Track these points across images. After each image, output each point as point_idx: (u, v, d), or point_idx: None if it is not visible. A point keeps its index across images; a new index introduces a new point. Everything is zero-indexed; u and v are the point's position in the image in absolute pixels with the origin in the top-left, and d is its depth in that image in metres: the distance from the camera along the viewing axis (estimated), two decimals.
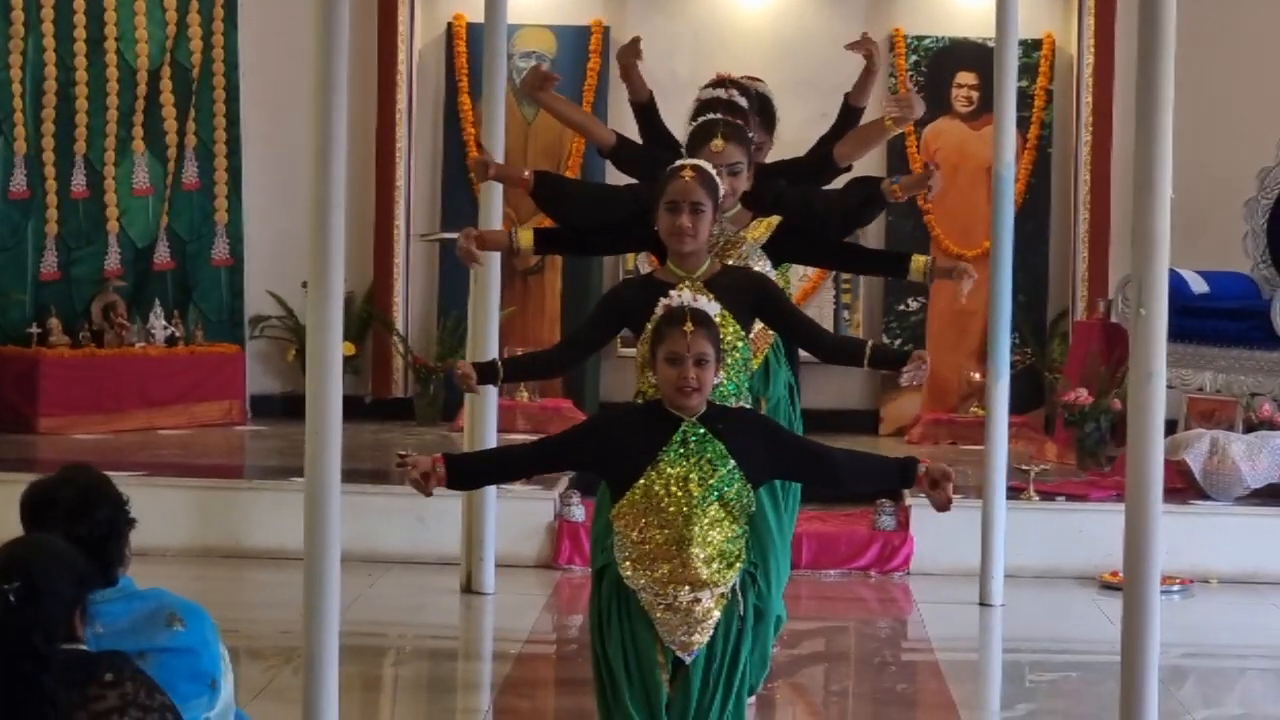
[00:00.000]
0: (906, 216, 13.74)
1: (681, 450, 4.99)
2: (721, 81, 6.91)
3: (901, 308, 13.69)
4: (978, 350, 12.85)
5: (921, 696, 7.79)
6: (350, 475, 6.14)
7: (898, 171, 13.44)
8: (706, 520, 4.97)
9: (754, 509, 5.11)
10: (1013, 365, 9.60)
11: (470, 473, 5.42)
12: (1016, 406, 10.29)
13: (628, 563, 5.05)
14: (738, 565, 5.05)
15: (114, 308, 12.68)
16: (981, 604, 9.02)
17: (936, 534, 9.69)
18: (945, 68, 13.56)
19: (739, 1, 13.77)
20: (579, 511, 9.73)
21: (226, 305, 13.40)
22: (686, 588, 5.00)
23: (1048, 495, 10.08)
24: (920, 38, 13.53)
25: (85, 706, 3.60)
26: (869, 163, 11.89)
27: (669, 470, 4.98)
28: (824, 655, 8.53)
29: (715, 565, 5.00)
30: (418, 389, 13.37)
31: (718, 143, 6.32)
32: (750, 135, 6.54)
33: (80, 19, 12.65)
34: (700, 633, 5.02)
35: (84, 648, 3.72)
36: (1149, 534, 5.43)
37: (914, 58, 13.46)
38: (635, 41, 7.50)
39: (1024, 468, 10.05)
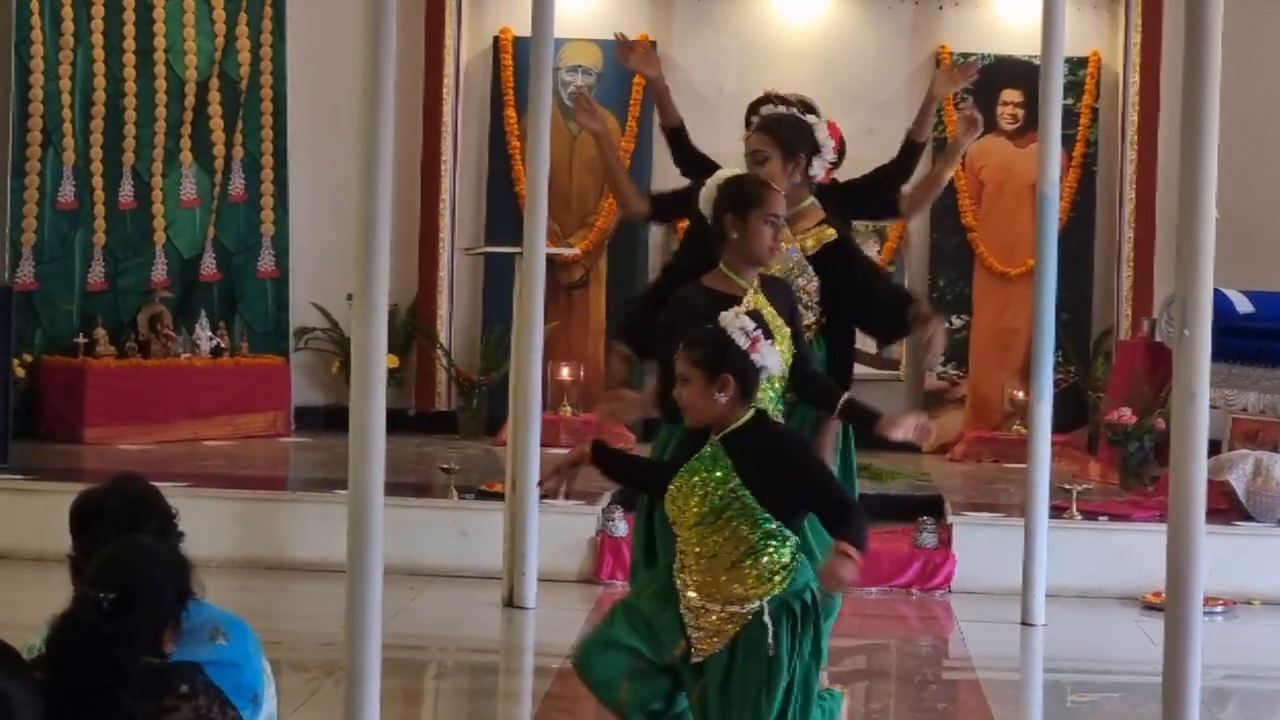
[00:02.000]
0: (951, 234, 13.74)
1: (698, 464, 5.04)
2: (770, 99, 6.91)
3: (945, 326, 13.64)
4: (1021, 368, 12.82)
5: (962, 715, 7.76)
6: (393, 488, 6.17)
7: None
8: (700, 533, 5.02)
9: (769, 527, 5.00)
10: (1056, 384, 9.58)
11: (615, 461, 5.59)
12: (1059, 425, 10.26)
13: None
14: (757, 589, 5.00)
15: (160, 319, 12.75)
16: (1023, 623, 8.99)
17: (978, 552, 9.68)
18: (991, 85, 13.53)
19: (785, 16, 13.80)
20: (621, 526, 9.72)
21: (272, 317, 13.45)
22: (693, 590, 5.06)
23: (1090, 515, 10.04)
24: (966, 55, 13.49)
25: (158, 718, 3.50)
26: None
27: (679, 481, 5.06)
28: (865, 673, 8.50)
29: (714, 576, 5.00)
30: (461, 402, 13.40)
31: (746, 133, 6.60)
32: (798, 146, 6.51)
33: (129, 30, 12.72)
34: (702, 643, 5.03)
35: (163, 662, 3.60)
36: (1191, 555, 5.42)
37: None
38: (643, 46, 7.40)
39: (1067, 487, 10.02)
